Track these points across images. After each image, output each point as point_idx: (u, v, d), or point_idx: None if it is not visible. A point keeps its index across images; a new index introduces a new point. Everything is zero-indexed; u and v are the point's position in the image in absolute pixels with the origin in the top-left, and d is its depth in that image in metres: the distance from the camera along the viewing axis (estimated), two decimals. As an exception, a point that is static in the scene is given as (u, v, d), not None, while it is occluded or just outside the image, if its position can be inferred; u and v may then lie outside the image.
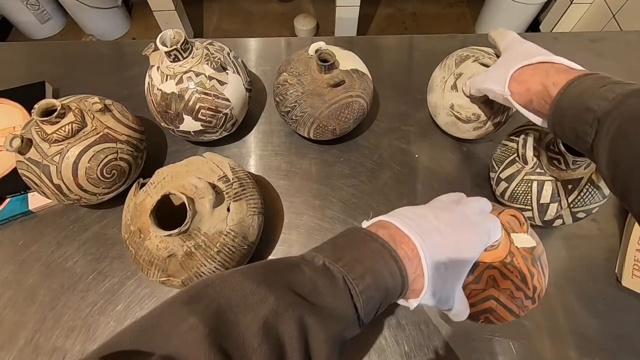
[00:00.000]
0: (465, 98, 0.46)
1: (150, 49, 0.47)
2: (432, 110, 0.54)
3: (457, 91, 0.47)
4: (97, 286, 0.46)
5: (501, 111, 0.48)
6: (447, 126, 0.52)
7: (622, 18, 1.31)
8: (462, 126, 0.49)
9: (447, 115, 0.49)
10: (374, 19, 1.90)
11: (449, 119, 0.50)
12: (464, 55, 0.49)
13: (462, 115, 0.47)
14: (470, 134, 0.51)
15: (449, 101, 0.48)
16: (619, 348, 0.42)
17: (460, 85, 0.46)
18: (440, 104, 0.50)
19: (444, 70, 0.50)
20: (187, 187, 0.38)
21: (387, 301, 0.28)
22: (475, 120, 0.47)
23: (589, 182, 0.40)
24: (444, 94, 0.48)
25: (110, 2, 1.66)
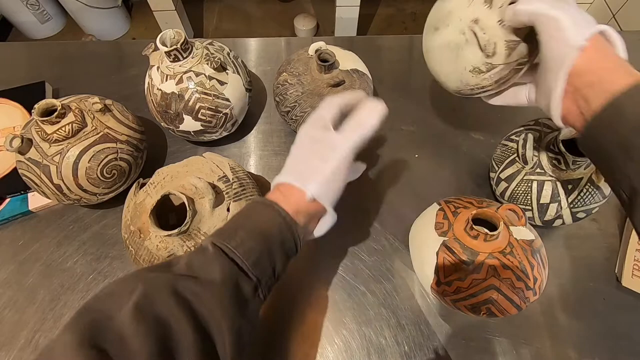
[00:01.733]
0: (499, 19, 0.32)
1: (150, 49, 0.47)
2: (434, 20, 0.38)
3: (490, 7, 0.32)
4: (97, 286, 0.46)
5: (528, 59, 0.34)
6: (443, 49, 0.37)
7: (622, 18, 1.31)
8: (467, 55, 0.35)
9: (459, 31, 0.35)
10: (374, 19, 1.90)
11: (457, 38, 0.35)
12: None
13: (483, 37, 0.33)
14: (466, 75, 0.36)
15: (473, 14, 0.33)
16: (619, 348, 0.42)
17: (497, 3, 0.32)
18: (458, 13, 0.35)
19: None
20: (187, 187, 0.38)
21: (280, 245, 0.29)
22: (491, 55, 0.33)
23: (589, 182, 0.40)
24: (470, 5, 0.34)
25: (110, 2, 1.66)
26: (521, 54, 0.33)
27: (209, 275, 0.26)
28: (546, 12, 0.27)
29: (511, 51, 0.33)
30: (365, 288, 0.46)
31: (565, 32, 0.27)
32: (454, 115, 0.60)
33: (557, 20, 0.27)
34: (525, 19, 0.29)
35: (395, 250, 0.48)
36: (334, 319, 0.44)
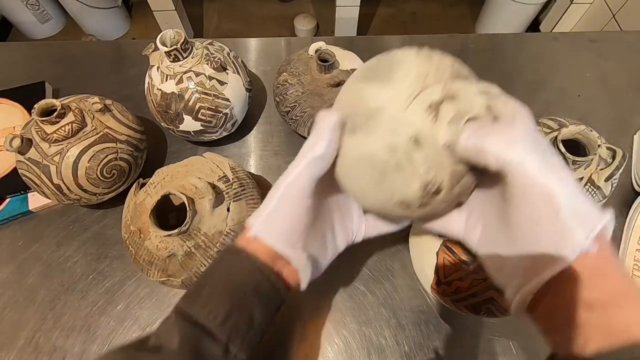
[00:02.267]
0: (446, 141, 0.22)
1: (150, 49, 0.47)
2: (350, 108, 0.25)
3: (435, 120, 0.22)
4: (97, 286, 0.46)
5: (471, 191, 0.26)
6: (363, 163, 0.24)
7: (622, 18, 1.31)
8: (396, 184, 0.23)
9: (389, 148, 0.22)
10: (374, 19, 1.90)
11: (385, 156, 0.23)
12: (463, 70, 0.26)
13: (426, 174, 0.22)
14: (389, 205, 0.25)
15: (412, 126, 0.22)
16: (619, 348, 0.42)
17: (447, 115, 0.22)
18: (391, 118, 0.22)
19: (427, 70, 0.24)
20: (187, 187, 0.38)
21: (252, 293, 0.25)
22: (433, 193, 0.23)
23: (589, 182, 0.40)
24: (409, 107, 0.22)
25: (110, 2, 1.66)
26: (465, 186, 0.24)
27: (170, 344, 0.23)
28: (536, 178, 0.19)
29: (454, 185, 0.23)
30: (365, 288, 0.46)
31: (561, 218, 0.19)
32: (454, 115, 0.60)
33: (551, 196, 0.19)
34: (493, 164, 0.20)
35: (395, 251, 0.48)
36: (334, 319, 0.44)
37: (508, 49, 0.69)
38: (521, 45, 0.70)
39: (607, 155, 0.40)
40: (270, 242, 0.25)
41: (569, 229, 0.19)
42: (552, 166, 0.20)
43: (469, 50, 0.69)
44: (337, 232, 0.31)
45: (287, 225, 0.26)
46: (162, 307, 0.45)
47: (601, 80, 0.64)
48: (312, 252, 0.28)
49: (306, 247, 0.27)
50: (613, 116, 0.60)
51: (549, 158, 0.20)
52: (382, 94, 0.23)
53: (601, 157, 0.40)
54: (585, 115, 0.60)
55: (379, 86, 0.23)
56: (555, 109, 0.61)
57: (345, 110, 0.25)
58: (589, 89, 0.63)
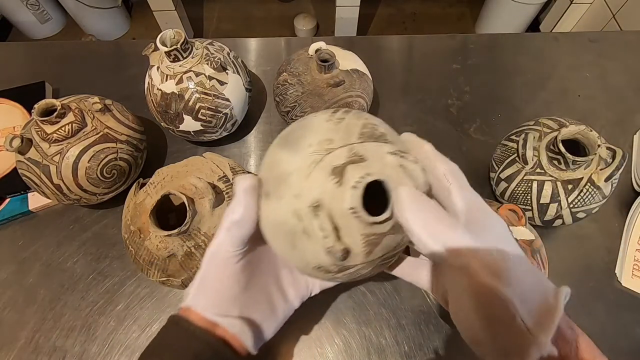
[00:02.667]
0: (351, 205, 0.20)
1: (150, 49, 0.47)
2: (267, 173, 0.24)
3: (340, 184, 0.21)
4: (97, 286, 0.46)
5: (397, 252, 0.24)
6: (276, 228, 0.23)
7: (622, 18, 1.31)
8: (307, 250, 0.22)
9: (293, 214, 0.22)
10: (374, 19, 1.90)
11: (291, 221, 0.22)
12: (376, 130, 0.23)
13: (326, 240, 0.21)
14: (310, 270, 0.24)
15: (312, 192, 0.21)
16: (619, 348, 0.42)
17: (352, 178, 0.21)
18: (295, 184, 0.22)
19: (333, 135, 0.22)
20: (187, 187, 0.38)
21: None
22: (342, 259, 0.22)
23: (589, 182, 0.40)
24: (311, 174, 0.21)
25: (110, 2, 1.66)
26: (388, 247, 0.23)
27: None
28: (483, 280, 0.19)
29: (373, 247, 0.22)
30: (365, 288, 0.46)
31: (517, 324, 0.19)
32: (454, 115, 0.60)
33: (504, 301, 0.19)
34: (423, 251, 0.20)
35: (395, 250, 0.48)
36: (334, 319, 0.44)
37: (508, 49, 0.69)
38: (521, 45, 0.70)
39: (607, 155, 0.40)
40: (201, 311, 0.25)
41: (524, 333, 0.19)
42: (499, 260, 0.19)
43: (469, 50, 0.69)
44: (286, 288, 0.30)
45: (215, 294, 0.25)
46: (162, 307, 0.45)
47: (601, 80, 0.64)
48: (253, 315, 0.27)
49: (245, 310, 0.26)
50: (613, 116, 0.60)
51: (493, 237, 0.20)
52: (290, 162, 0.22)
53: (601, 157, 0.40)
54: (585, 115, 0.60)
55: (288, 154, 0.23)
56: (555, 109, 0.61)
57: (264, 174, 0.25)
58: (589, 89, 0.63)
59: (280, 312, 0.29)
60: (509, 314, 0.19)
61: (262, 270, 0.28)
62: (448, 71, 0.66)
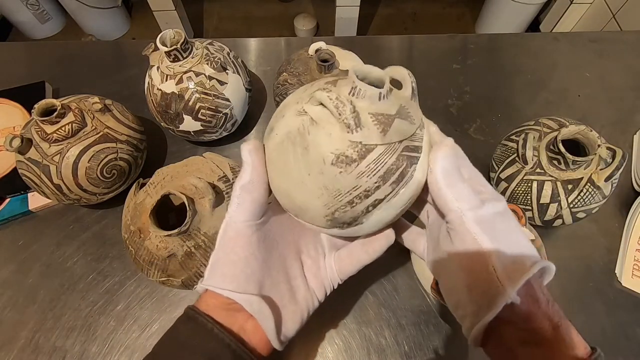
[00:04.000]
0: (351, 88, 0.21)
1: (150, 49, 0.47)
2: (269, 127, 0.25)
3: (332, 86, 0.23)
4: (97, 286, 0.46)
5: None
6: (282, 149, 0.22)
7: (622, 18, 1.31)
8: (319, 140, 0.21)
9: (296, 113, 0.22)
10: (374, 19, 1.90)
11: (296, 122, 0.22)
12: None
13: (332, 101, 0.20)
14: (329, 174, 0.21)
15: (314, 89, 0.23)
16: (619, 348, 0.42)
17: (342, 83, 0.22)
18: (295, 98, 0.24)
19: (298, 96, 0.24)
20: (187, 187, 0.38)
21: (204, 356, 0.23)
22: (355, 126, 0.21)
23: (589, 182, 0.40)
24: (312, 85, 0.24)
25: (110, 2, 1.66)
26: (404, 133, 0.22)
27: None
28: (470, 230, 0.21)
29: (385, 126, 0.21)
30: (365, 288, 0.46)
31: (489, 271, 0.21)
32: (454, 115, 0.60)
33: (481, 250, 0.21)
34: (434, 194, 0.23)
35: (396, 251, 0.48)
36: (334, 319, 0.44)
37: (508, 49, 0.69)
38: (521, 45, 0.70)
39: (607, 155, 0.40)
40: (219, 288, 0.23)
41: (495, 283, 0.21)
42: (485, 216, 0.22)
43: (469, 50, 0.69)
44: (307, 273, 0.29)
45: (231, 267, 0.24)
46: (162, 307, 0.45)
47: (601, 80, 0.64)
48: (273, 295, 0.25)
49: (263, 289, 0.25)
50: (613, 116, 0.60)
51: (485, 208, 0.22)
52: (289, 99, 0.24)
53: (601, 157, 0.40)
54: (585, 115, 0.60)
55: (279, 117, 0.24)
56: (555, 109, 0.61)
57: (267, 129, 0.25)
58: (589, 89, 0.63)
59: (302, 299, 0.28)
60: (483, 261, 0.21)
61: (280, 252, 0.27)
62: (448, 71, 0.66)
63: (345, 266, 0.29)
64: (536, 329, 0.21)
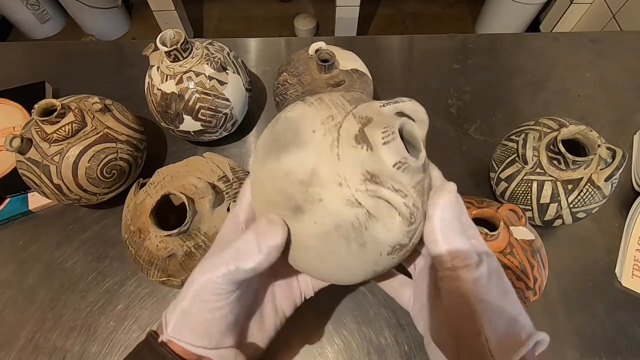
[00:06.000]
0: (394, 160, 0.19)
1: (150, 49, 0.47)
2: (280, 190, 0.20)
3: (370, 149, 0.19)
4: (97, 286, 0.46)
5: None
6: (327, 241, 0.20)
7: (622, 18, 1.31)
8: (379, 235, 0.19)
9: (346, 203, 0.19)
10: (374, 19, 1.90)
11: (348, 215, 0.19)
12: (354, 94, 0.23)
13: (400, 200, 0.19)
14: (382, 261, 0.21)
15: (359, 167, 0.19)
16: (619, 348, 0.42)
17: (377, 137, 0.19)
18: (329, 174, 0.19)
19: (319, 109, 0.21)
20: (187, 187, 0.38)
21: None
22: (414, 216, 0.20)
23: (589, 182, 0.40)
24: (339, 153, 0.19)
25: (110, 2, 1.66)
26: (423, 193, 0.21)
27: None
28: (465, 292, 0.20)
29: (421, 197, 0.21)
30: (365, 288, 0.46)
31: (481, 342, 0.19)
32: (454, 115, 0.60)
33: (474, 316, 0.20)
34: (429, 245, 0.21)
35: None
36: (334, 319, 0.44)
37: (508, 49, 0.69)
38: (521, 45, 0.70)
39: (607, 155, 0.40)
40: (189, 344, 0.22)
41: (488, 357, 0.19)
42: (481, 278, 0.20)
43: (469, 50, 0.69)
44: (280, 300, 0.27)
45: (205, 327, 0.22)
46: (162, 307, 0.45)
47: (601, 80, 0.64)
48: (246, 339, 0.24)
49: (238, 338, 0.24)
50: (613, 116, 0.60)
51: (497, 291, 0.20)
52: (303, 160, 0.19)
53: (601, 157, 0.40)
54: (585, 115, 0.60)
55: (292, 155, 0.19)
56: (555, 109, 0.61)
57: (273, 205, 0.20)
58: (589, 89, 0.63)
59: (270, 324, 0.27)
60: (475, 329, 0.19)
61: (255, 286, 0.25)
62: (448, 71, 0.66)
63: (320, 282, 0.29)
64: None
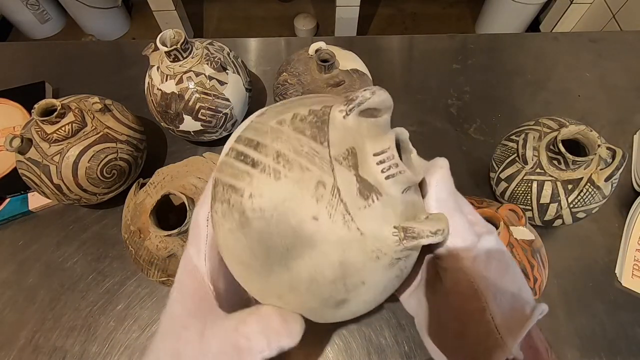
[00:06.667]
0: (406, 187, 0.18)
1: (150, 49, 0.47)
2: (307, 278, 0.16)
3: (378, 197, 0.17)
4: (97, 286, 0.46)
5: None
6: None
7: (622, 18, 1.31)
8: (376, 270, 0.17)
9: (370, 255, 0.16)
10: (374, 19, 1.90)
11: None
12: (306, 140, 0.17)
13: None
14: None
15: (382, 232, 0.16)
16: (619, 348, 0.42)
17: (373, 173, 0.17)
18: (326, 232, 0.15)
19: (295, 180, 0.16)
20: (187, 187, 0.38)
21: None
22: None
23: (589, 182, 0.40)
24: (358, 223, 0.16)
25: (110, 2, 1.66)
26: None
27: None
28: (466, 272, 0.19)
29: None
30: (365, 288, 0.46)
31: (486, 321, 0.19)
32: (454, 115, 0.60)
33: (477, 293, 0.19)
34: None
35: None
36: (334, 319, 0.44)
37: (508, 49, 0.69)
38: (521, 45, 0.70)
39: (607, 155, 0.40)
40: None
41: (493, 334, 0.18)
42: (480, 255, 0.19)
43: (469, 50, 0.69)
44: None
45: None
46: (162, 307, 0.45)
47: (601, 80, 0.64)
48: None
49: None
50: (613, 116, 0.60)
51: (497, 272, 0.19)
52: (325, 257, 0.16)
53: (601, 157, 0.40)
54: (585, 115, 0.60)
55: (309, 258, 0.16)
56: (555, 109, 0.61)
57: (305, 311, 0.18)
58: (589, 89, 0.63)
59: None
60: (479, 307, 0.19)
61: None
62: (448, 71, 0.66)
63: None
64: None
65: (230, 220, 0.16)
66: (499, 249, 0.20)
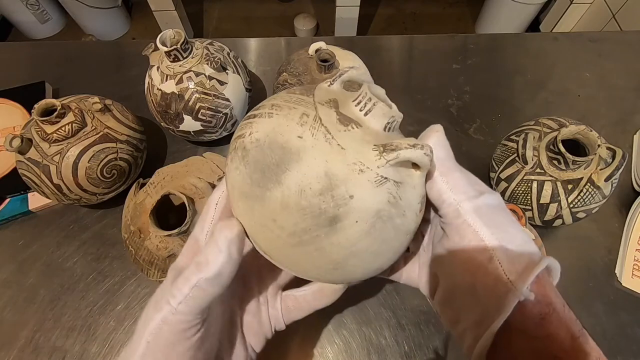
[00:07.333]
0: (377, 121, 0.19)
1: (150, 49, 0.47)
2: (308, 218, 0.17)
3: (358, 126, 0.19)
4: (97, 286, 0.46)
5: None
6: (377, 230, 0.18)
7: (622, 18, 1.31)
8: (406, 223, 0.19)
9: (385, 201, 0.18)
10: (374, 19, 1.90)
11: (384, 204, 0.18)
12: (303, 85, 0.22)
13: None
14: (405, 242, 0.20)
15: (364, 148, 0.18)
16: (619, 348, 0.42)
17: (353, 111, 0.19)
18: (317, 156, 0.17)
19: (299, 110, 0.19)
20: (187, 187, 0.38)
21: None
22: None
23: (589, 182, 0.40)
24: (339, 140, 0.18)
25: (110, 2, 1.66)
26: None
27: None
28: (468, 224, 0.19)
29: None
30: (365, 288, 0.46)
31: (492, 268, 0.19)
32: (454, 115, 0.60)
33: (483, 245, 0.19)
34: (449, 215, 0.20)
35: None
36: (334, 319, 0.44)
37: (508, 49, 0.69)
38: (521, 45, 0.70)
39: (607, 155, 0.40)
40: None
41: (503, 279, 0.18)
42: (483, 206, 0.19)
43: (469, 50, 0.69)
44: (248, 337, 0.25)
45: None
46: (162, 307, 0.45)
47: (601, 80, 0.64)
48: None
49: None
50: (613, 116, 0.60)
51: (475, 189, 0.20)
52: (310, 168, 0.17)
53: (601, 157, 0.40)
54: (585, 115, 0.60)
55: (297, 169, 0.17)
56: (555, 109, 0.61)
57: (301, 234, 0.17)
58: (589, 89, 0.63)
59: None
60: (487, 256, 0.19)
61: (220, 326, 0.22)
62: (448, 71, 0.66)
63: (294, 314, 0.27)
64: (552, 337, 0.18)
65: (236, 160, 0.19)
66: (502, 208, 0.20)
